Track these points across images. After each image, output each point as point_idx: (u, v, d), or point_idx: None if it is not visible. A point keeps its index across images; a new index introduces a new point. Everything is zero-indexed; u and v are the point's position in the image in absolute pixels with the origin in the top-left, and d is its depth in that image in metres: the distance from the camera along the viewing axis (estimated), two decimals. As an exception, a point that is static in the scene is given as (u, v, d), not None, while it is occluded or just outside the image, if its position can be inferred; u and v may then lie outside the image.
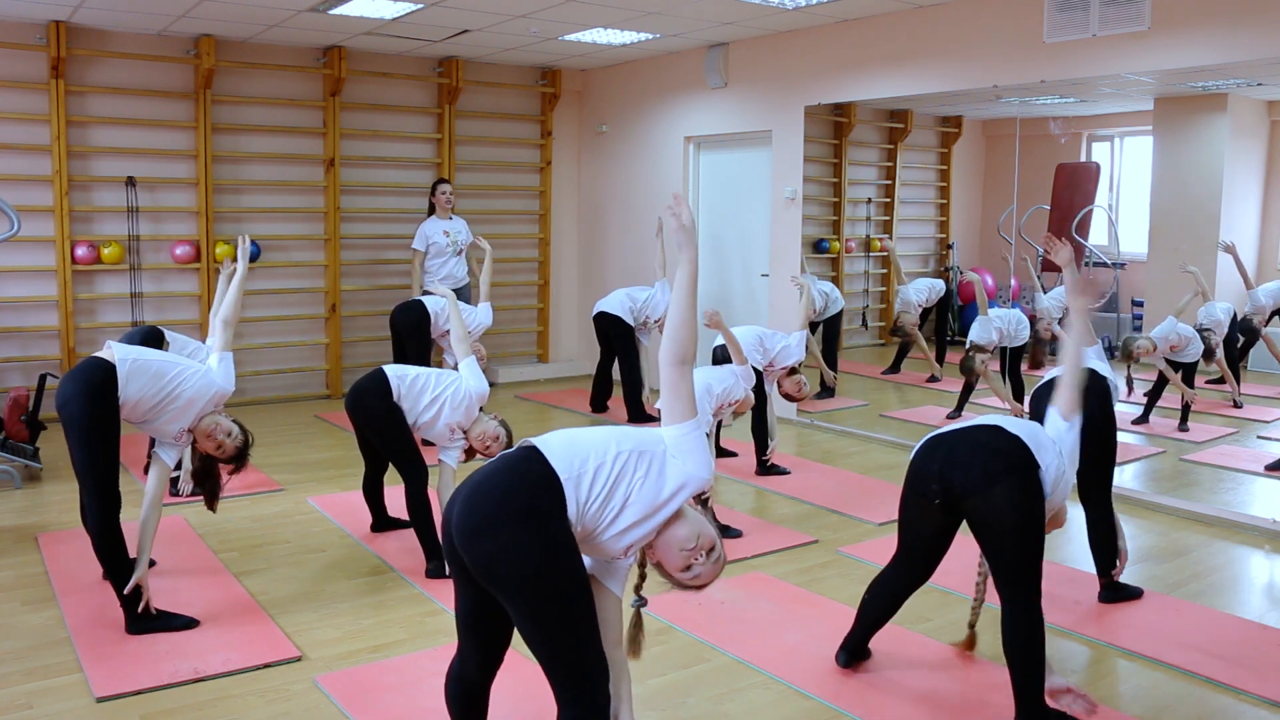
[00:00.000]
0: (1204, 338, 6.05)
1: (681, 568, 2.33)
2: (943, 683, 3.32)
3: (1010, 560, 2.91)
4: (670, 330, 2.37)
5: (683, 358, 2.33)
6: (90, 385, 3.52)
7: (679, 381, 2.33)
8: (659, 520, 2.30)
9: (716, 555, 2.35)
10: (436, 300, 6.58)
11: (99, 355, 3.63)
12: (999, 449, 2.94)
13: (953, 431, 3.09)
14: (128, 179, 7.29)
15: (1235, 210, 6.20)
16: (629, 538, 2.30)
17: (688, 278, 2.39)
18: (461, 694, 2.52)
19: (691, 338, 2.34)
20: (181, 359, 3.79)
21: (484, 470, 2.33)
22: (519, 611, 2.23)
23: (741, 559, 4.49)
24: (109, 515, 3.56)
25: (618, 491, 2.26)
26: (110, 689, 3.19)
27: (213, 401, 3.74)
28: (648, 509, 2.28)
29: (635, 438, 2.34)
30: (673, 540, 2.32)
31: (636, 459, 2.28)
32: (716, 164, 8.13)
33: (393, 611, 3.90)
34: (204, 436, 3.74)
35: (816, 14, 6.52)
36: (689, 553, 2.31)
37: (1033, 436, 2.98)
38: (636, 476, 2.27)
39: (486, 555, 2.21)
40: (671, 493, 2.29)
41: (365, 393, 4.35)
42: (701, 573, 2.34)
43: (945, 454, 3.01)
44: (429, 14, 6.58)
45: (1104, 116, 7.11)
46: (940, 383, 7.56)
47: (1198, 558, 4.56)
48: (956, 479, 2.94)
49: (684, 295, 2.37)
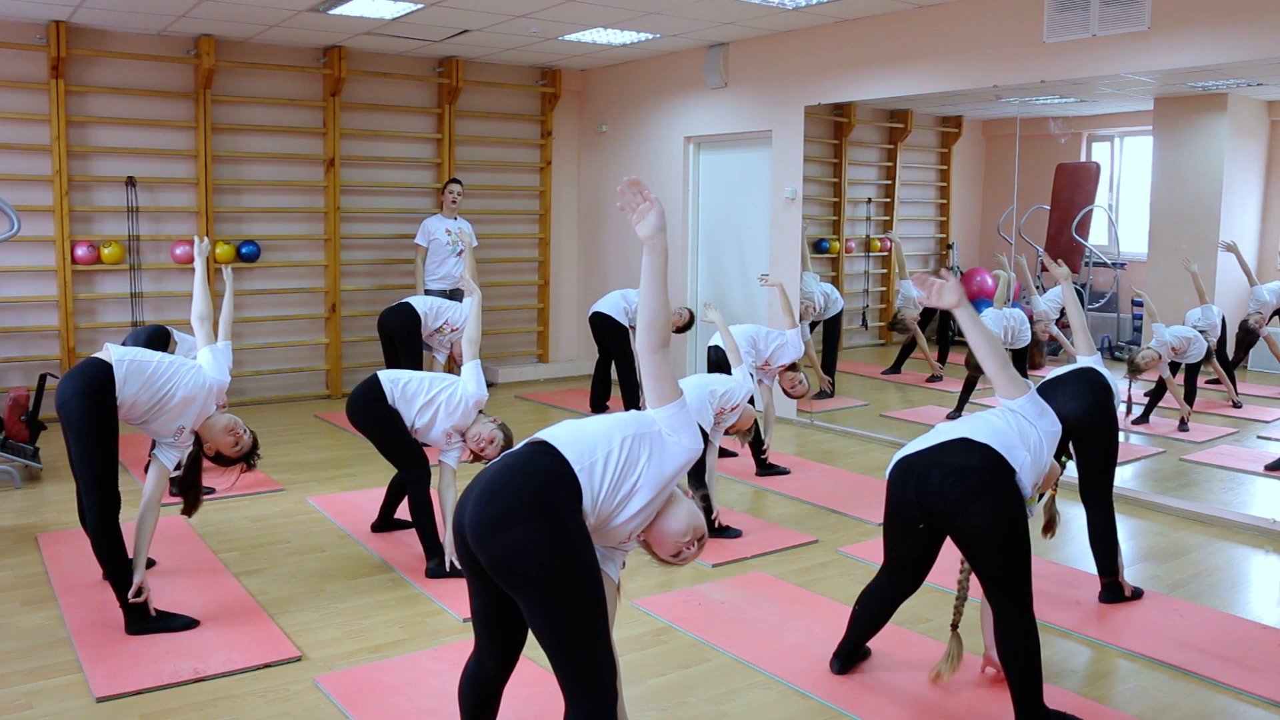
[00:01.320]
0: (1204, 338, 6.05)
1: (672, 554, 2.46)
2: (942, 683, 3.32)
3: (999, 572, 2.89)
4: (646, 320, 2.38)
5: (661, 343, 2.39)
6: (88, 386, 3.52)
7: (660, 365, 2.39)
8: (662, 499, 2.40)
9: (704, 540, 2.49)
10: (424, 301, 6.57)
11: (96, 356, 3.63)
12: (971, 467, 2.88)
13: (920, 454, 3.01)
14: (128, 179, 7.29)
15: (1235, 210, 6.20)
16: (636, 521, 2.37)
17: (659, 266, 2.39)
18: (476, 692, 2.51)
19: (665, 324, 2.39)
20: (177, 358, 3.76)
21: (494, 468, 2.33)
22: (534, 606, 2.23)
23: (741, 559, 4.49)
24: (108, 515, 3.56)
25: (629, 477, 2.32)
26: (110, 689, 3.19)
27: (211, 397, 3.73)
28: (655, 489, 2.36)
29: (632, 423, 2.40)
30: (669, 531, 2.43)
31: (638, 442, 2.35)
32: (716, 164, 8.13)
33: (393, 611, 3.90)
34: (225, 433, 3.72)
35: (816, 14, 6.52)
36: (683, 544, 2.44)
37: (1001, 439, 2.92)
38: (643, 460, 2.34)
39: (503, 551, 2.20)
40: (675, 470, 2.38)
41: (360, 399, 4.33)
42: (688, 556, 2.47)
43: (918, 482, 2.96)
44: (429, 14, 6.58)
45: (1104, 116, 7.11)
46: (941, 382, 7.56)
47: (1198, 558, 4.56)
48: (935, 506, 2.92)
49: (654, 281, 2.38)
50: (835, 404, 7.46)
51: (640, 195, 2.36)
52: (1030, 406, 3.01)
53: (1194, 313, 6.11)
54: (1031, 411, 3.01)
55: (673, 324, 7.19)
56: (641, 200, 2.36)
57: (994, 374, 3.02)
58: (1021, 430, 2.98)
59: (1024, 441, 2.95)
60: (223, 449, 3.75)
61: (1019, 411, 3.01)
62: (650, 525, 2.42)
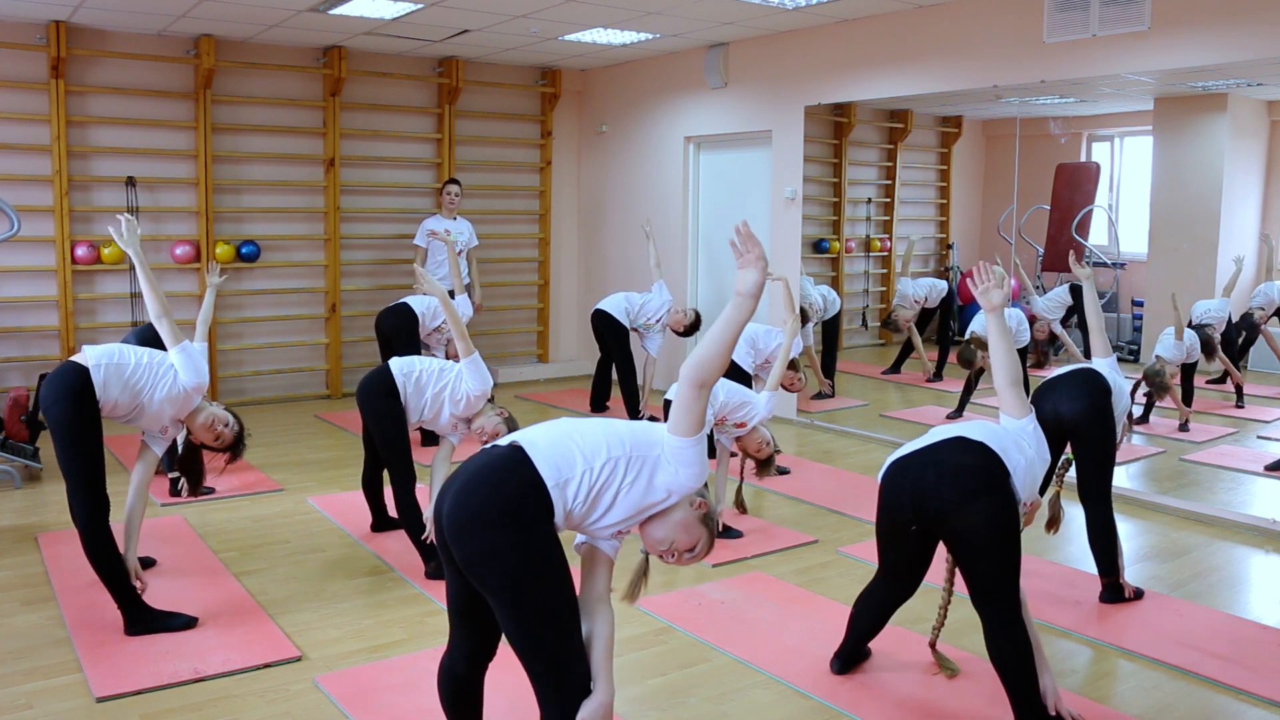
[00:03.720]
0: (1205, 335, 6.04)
1: (657, 553, 2.41)
2: (942, 682, 3.32)
3: (989, 576, 2.88)
4: (701, 354, 2.26)
5: (703, 382, 2.25)
6: (69, 390, 3.53)
7: (693, 401, 2.26)
8: (644, 517, 2.37)
9: (695, 554, 2.40)
10: (422, 301, 6.59)
11: (74, 360, 3.63)
12: (966, 466, 2.89)
13: (916, 453, 3.01)
14: (128, 179, 7.29)
15: (1235, 210, 6.20)
16: (618, 528, 2.37)
17: (738, 321, 2.24)
18: (452, 688, 2.53)
19: (719, 369, 2.26)
20: (158, 358, 3.72)
21: (473, 464, 2.33)
22: (502, 610, 2.25)
23: (741, 559, 4.49)
24: (96, 517, 3.56)
25: (605, 496, 2.29)
26: (110, 689, 3.19)
27: (188, 400, 3.72)
28: (634, 510, 2.33)
29: (631, 439, 2.33)
30: (649, 534, 2.39)
31: (626, 465, 2.29)
32: (716, 164, 8.13)
33: (393, 611, 3.90)
34: (203, 430, 3.75)
35: (816, 14, 6.52)
36: (663, 551, 2.39)
37: (997, 439, 2.93)
38: (625, 481, 2.29)
39: (471, 553, 2.24)
40: (660, 499, 2.33)
41: (373, 389, 4.36)
42: (674, 563, 2.42)
43: (913, 481, 2.95)
44: (429, 14, 6.58)
45: (1104, 116, 7.12)
46: (941, 382, 7.57)
47: (1198, 558, 4.56)
48: (930, 505, 2.90)
49: (728, 329, 2.25)
50: (835, 404, 7.47)
51: (750, 245, 2.26)
52: (1029, 432, 3.03)
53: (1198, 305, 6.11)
54: (1029, 436, 3.03)
55: (677, 325, 7.25)
56: (751, 250, 2.26)
57: (1002, 388, 3.04)
58: (1017, 439, 2.99)
59: (1019, 448, 2.96)
60: (205, 443, 3.79)
61: (1015, 432, 3.02)
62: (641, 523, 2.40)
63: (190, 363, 3.71)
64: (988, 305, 3.06)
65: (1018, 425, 3.04)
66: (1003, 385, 3.05)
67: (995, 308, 3.04)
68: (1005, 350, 3.03)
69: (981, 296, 3.07)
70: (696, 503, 2.37)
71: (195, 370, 3.71)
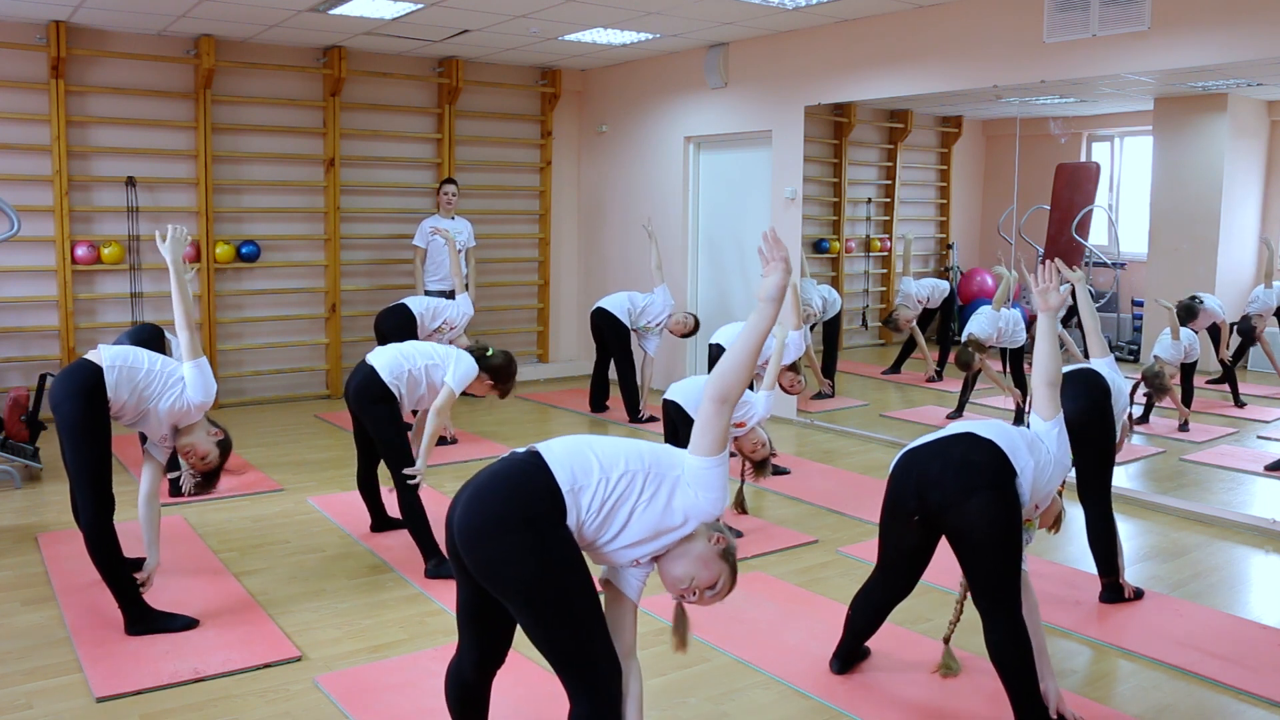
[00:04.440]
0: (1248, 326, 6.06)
1: (677, 594, 2.33)
2: (942, 682, 3.32)
3: (988, 573, 2.89)
4: (723, 368, 2.25)
5: (725, 397, 2.23)
6: (81, 387, 3.52)
7: (714, 418, 2.23)
8: (665, 542, 2.29)
9: (716, 591, 2.32)
10: (420, 301, 6.61)
11: (87, 358, 3.62)
12: (973, 462, 2.90)
13: (925, 446, 3.03)
14: (128, 179, 7.29)
15: (1235, 210, 6.20)
16: (634, 552, 2.29)
17: (761, 329, 2.25)
18: (459, 693, 2.53)
19: (742, 382, 2.24)
20: (170, 365, 3.69)
21: (486, 472, 2.32)
22: (522, 614, 2.25)
23: (741, 559, 4.48)
24: (101, 516, 3.55)
25: (620, 511, 2.25)
26: (110, 689, 3.19)
27: (188, 416, 3.67)
28: (651, 531, 2.27)
29: (651, 456, 2.30)
30: (667, 572, 2.32)
31: (644, 480, 2.25)
32: (716, 164, 8.13)
33: (393, 611, 3.90)
34: (189, 449, 3.68)
35: (816, 14, 6.52)
36: (684, 590, 2.31)
37: (1006, 439, 2.94)
38: (641, 498, 2.25)
39: (486, 560, 2.22)
40: (677, 524, 2.27)
41: (363, 395, 4.38)
42: (696, 602, 2.32)
43: (920, 472, 2.97)
44: (429, 14, 6.58)
45: (1104, 116, 7.12)
46: (941, 382, 7.57)
47: (1198, 558, 4.56)
48: (932, 496, 2.92)
49: (750, 340, 2.25)
50: (835, 404, 7.47)
51: (776, 251, 2.28)
52: (1053, 435, 3.03)
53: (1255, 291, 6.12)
54: (1052, 439, 3.03)
55: (678, 330, 7.26)
56: (777, 257, 2.28)
57: (1038, 386, 3.07)
58: (1031, 442, 2.99)
59: (1031, 450, 2.96)
60: (184, 458, 3.72)
61: (1041, 435, 3.02)
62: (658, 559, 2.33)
63: (202, 380, 3.65)
64: (1044, 305, 3.05)
65: (1044, 427, 3.05)
66: (1039, 384, 3.06)
67: (1050, 309, 3.05)
68: (1050, 352, 3.04)
69: (1039, 295, 3.07)
70: (715, 538, 2.31)
71: (205, 389, 3.65)
